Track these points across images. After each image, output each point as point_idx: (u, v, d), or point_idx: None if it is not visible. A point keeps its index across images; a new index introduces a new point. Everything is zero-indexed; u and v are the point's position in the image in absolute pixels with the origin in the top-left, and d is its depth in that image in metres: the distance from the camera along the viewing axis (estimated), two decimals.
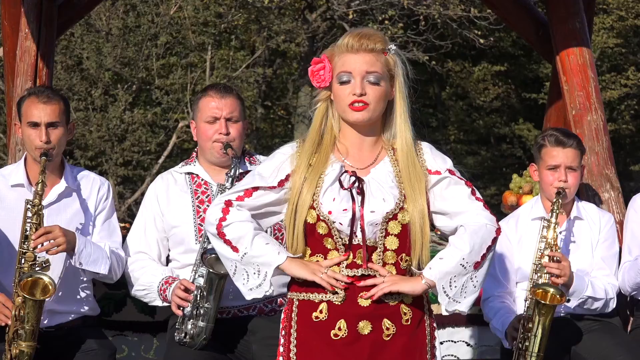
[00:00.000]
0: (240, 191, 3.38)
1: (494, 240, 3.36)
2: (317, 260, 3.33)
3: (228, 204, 3.36)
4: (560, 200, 4.51)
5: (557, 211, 4.50)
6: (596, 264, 4.67)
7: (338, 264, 3.30)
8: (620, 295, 4.73)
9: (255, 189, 3.36)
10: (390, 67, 3.36)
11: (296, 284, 3.39)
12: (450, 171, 3.40)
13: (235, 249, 3.32)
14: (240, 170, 4.33)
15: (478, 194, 3.41)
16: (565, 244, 4.68)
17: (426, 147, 3.43)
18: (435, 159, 3.41)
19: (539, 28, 5.92)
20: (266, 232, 3.44)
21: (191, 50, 16.53)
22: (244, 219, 3.34)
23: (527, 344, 4.29)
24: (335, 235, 3.30)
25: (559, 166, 4.62)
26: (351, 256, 3.31)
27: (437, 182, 3.38)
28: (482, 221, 3.35)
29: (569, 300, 4.49)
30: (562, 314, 4.59)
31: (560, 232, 4.63)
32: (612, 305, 4.65)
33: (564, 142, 4.64)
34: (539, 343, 4.28)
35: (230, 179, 4.27)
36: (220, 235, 3.34)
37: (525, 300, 4.47)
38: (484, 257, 3.33)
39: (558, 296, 4.26)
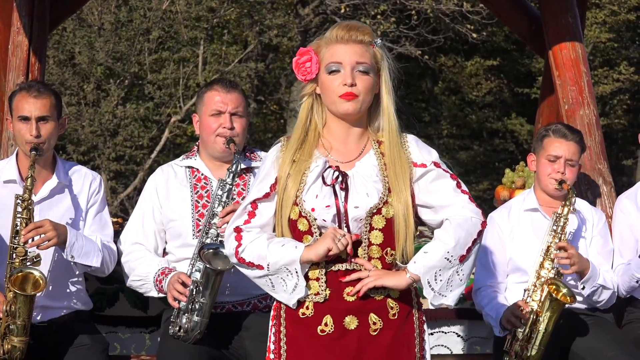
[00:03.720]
0: (244, 215, 3.36)
1: (480, 233, 3.33)
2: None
3: (238, 230, 3.35)
4: (574, 196, 4.57)
5: (571, 205, 4.55)
6: (595, 260, 4.68)
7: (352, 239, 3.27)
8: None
9: (255, 204, 3.34)
10: (377, 60, 3.35)
11: None
12: (435, 164, 3.37)
13: (259, 267, 3.30)
14: (243, 166, 4.32)
15: (464, 187, 3.38)
16: None
17: (412, 140, 3.40)
18: (420, 152, 3.38)
19: (531, 23, 5.93)
20: None
21: (183, 44, 16.49)
22: (255, 237, 3.32)
23: (532, 335, 4.36)
24: (315, 232, 3.29)
25: (560, 158, 4.66)
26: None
27: (422, 175, 3.36)
28: (467, 214, 3.32)
29: (583, 288, 4.53)
30: None
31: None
32: (614, 299, 4.69)
33: (568, 135, 4.70)
34: (542, 337, 4.35)
35: (231, 174, 4.26)
36: (241, 260, 3.33)
37: (525, 290, 4.50)
38: (469, 250, 3.29)
39: (569, 297, 4.33)
